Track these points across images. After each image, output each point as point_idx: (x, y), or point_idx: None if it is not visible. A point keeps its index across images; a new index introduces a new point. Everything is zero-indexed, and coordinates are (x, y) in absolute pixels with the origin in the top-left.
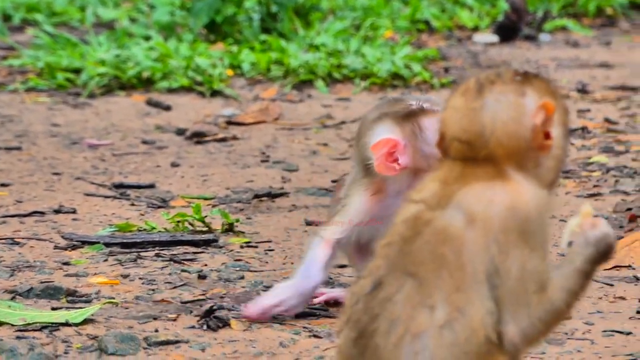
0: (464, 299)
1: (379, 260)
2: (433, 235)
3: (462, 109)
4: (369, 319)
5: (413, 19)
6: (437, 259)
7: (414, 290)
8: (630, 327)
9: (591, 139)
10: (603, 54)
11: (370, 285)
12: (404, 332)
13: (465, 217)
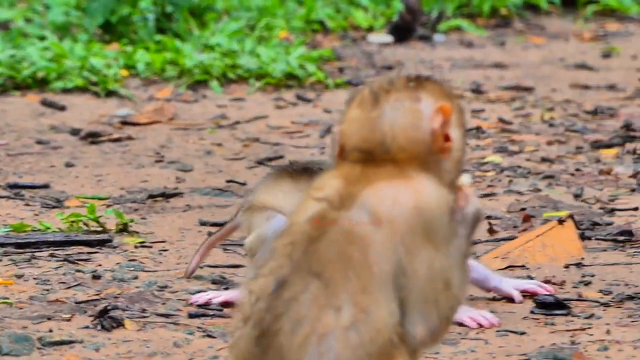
0: (370, 300)
1: (281, 259)
2: (339, 235)
3: (361, 120)
4: (272, 318)
5: (308, 20)
6: (343, 260)
7: (320, 291)
8: (524, 327)
9: (485, 139)
10: (497, 55)
11: (274, 285)
12: (309, 333)
13: (371, 218)
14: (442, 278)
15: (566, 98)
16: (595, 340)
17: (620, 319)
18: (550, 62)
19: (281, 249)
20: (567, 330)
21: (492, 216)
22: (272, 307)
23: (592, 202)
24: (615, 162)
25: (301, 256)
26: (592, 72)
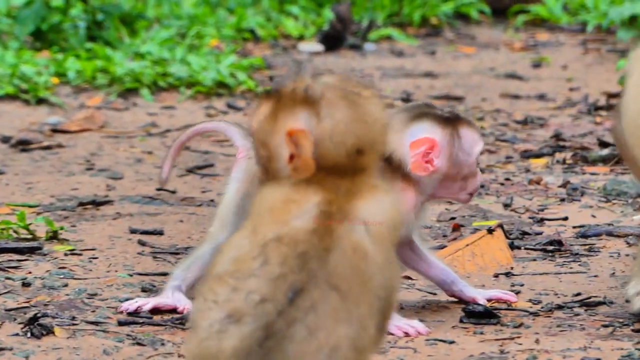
0: (368, 316)
1: (289, 266)
2: (348, 248)
3: (344, 129)
4: (285, 324)
5: (238, 28)
6: (355, 274)
7: (339, 304)
8: (453, 336)
9: None
10: (428, 64)
11: (290, 291)
12: (323, 344)
13: (367, 230)
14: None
15: (496, 108)
16: (524, 349)
17: (550, 329)
18: (481, 72)
19: (281, 256)
20: (496, 339)
21: (422, 225)
22: (286, 313)
23: (522, 212)
24: (544, 172)
25: (318, 267)
26: (523, 81)
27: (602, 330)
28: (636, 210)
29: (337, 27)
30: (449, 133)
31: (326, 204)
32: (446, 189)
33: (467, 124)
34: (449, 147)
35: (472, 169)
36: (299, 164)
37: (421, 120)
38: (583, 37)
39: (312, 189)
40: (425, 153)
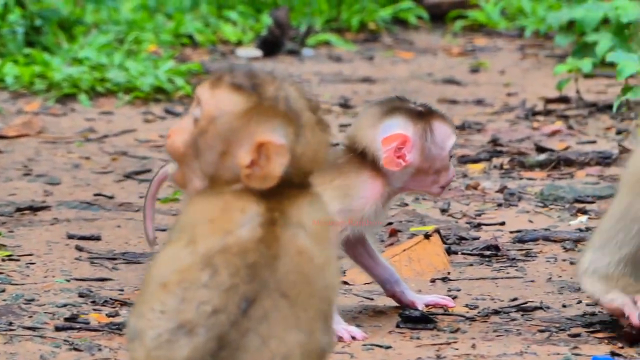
0: (314, 319)
1: (240, 277)
2: (294, 254)
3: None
4: (238, 334)
5: (177, 33)
6: (302, 279)
7: (288, 311)
8: (389, 341)
9: None
10: (366, 69)
11: (243, 302)
12: (275, 352)
13: (308, 236)
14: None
15: None
16: (460, 354)
17: (486, 333)
18: (419, 77)
19: (231, 266)
20: (432, 344)
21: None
22: (239, 323)
23: (459, 217)
24: (482, 177)
25: (269, 276)
26: (460, 87)
27: (539, 335)
28: (573, 215)
29: (275, 33)
30: (421, 128)
31: (270, 210)
32: (418, 182)
33: (440, 118)
34: (421, 142)
35: (444, 163)
36: (258, 174)
37: (393, 115)
38: (521, 42)
39: (253, 197)
40: (398, 148)
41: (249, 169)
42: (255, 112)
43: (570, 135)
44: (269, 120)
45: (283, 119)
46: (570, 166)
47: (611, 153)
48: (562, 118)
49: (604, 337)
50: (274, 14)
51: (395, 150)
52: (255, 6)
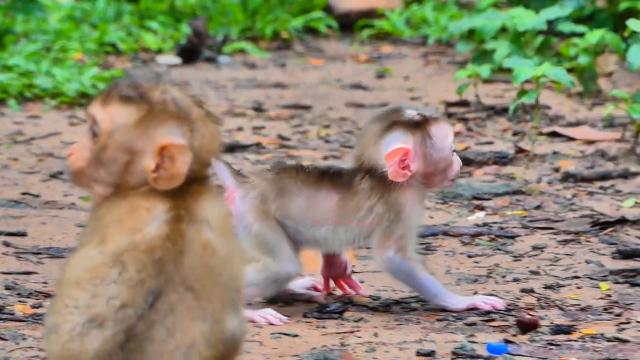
0: (221, 310)
1: (147, 272)
2: (200, 249)
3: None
4: (145, 327)
5: (101, 42)
6: (208, 272)
7: (193, 303)
8: (297, 330)
9: (265, 154)
10: (278, 75)
11: (150, 296)
12: (179, 343)
13: (212, 229)
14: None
15: (342, 116)
16: (363, 342)
17: (388, 322)
18: (328, 83)
19: (138, 263)
20: (337, 332)
21: None
22: (146, 316)
23: None
24: None
25: (174, 270)
26: (367, 91)
27: (437, 324)
28: (470, 211)
29: (194, 41)
30: (420, 137)
31: (175, 208)
32: (430, 183)
33: (436, 122)
34: (422, 150)
35: (448, 161)
36: (164, 175)
37: (392, 130)
38: (424, 49)
39: (158, 196)
40: (401, 160)
41: (155, 173)
42: (148, 118)
43: (470, 137)
44: (164, 124)
45: (176, 119)
46: (469, 165)
47: (507, 153)
48: (462, 120)
49: (498, 326)
50: (193, 23)
51: (399, 163)
52: (175, 16)
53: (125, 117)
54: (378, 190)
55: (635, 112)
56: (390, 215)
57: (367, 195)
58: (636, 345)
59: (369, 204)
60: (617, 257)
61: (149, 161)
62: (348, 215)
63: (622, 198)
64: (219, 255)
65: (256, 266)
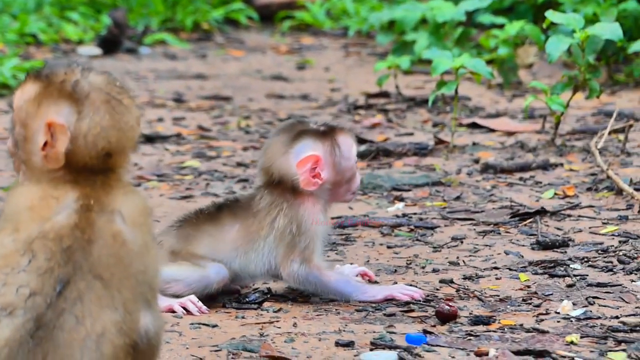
0: (132, 301)
1: (56, 260)
2: (109, 238)
3: (105, 127)
4: (54, 315)
5: (21, 33)
6: (117, 262)
7: (102, 292)
8: (216, 321)
9: (185, 145)
10: (199, 66)
11: (58, 284)
12: (89, 331)
13: (125, 221)
14: (159, 272)
15: (262, 107)
16: (282, 332)
17: (307, 313)
18: (248, 74)
19: (47, 251)
20: (256, 323)
21: None
22: (55, 304)
23: None
24: None
25: (82, 259)
26: (287, 82)
27: (356, 315)
28: (390, 202)
29: (114, 32)
30: (329, 145)
31: (84, 197)
32: (335, 195)
33: (343, 132)
34: (331, 158)
35: (353, 171)
36: (51, 153)
37: (301, 139)
38: (345, 41)
39: (69, 185)
40: (312, 169)
41: (44, 150)
42: (44, 96)
43: (390, 128)
44: (56, 102)
45: (68, 100)
46: (388, 156)
47: (427, 144)
48: (382, 112)
49: (417, 317)
50: (113, 14)
51: (310, 171)
52: (96, 7)
53: (27, 93)
54: (277, 204)
55: (554, 103)
56: (292, 228)
57: (267, 212)
58: (555, 336)
59: (269, 219)
60: (536, 248)
61: (40, 138)
62: (254, 238)
63: (542, 189)
64: (130, 248)
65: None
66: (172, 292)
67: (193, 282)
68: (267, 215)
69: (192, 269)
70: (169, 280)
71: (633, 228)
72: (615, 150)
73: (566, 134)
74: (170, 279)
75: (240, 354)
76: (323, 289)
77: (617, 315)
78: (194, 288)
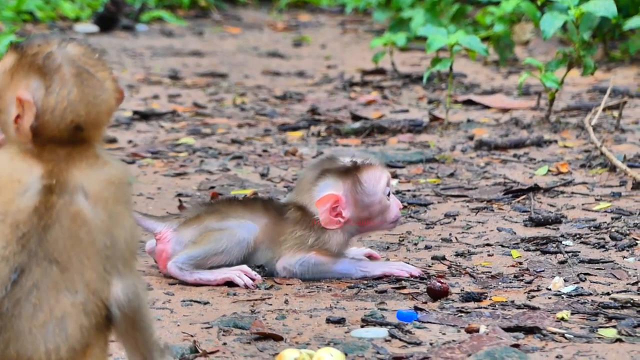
0: (97, 279)
1: (12, 248)
2: (67, 220)
3: (69, 98)
4: (12, 304)
5: (19, 10)
6: (75, 243)
7: (59, 276)
8: (207, 298)
9: (180, 122)
10: (195, 43)
11: (14, 273)
12: (49, 316)
13: (87, 198)
14: (136, 244)
15: (258, 84)
16: (274, 309)
17: (299, 290)
18: (245, 51)
19: (3, 239)
20: (248, 300)
21: (183, 194)
22: (12, 294)
23: (277, 181)
24: (300, 144)
25: (37, 245)
26: (284, 59)
27: (348, 292)
28: None
29: (111, 9)
30: (350, 183)
31: (48, 176)
32: (368, 227)
33: (367, 167)
34: (353, 196)
35: (383, 204)
36: (21, 127)
37: (324, 177)
38: (342, 18)
39: (37, 159)
40: (333, 208)
41: (16, 124)
42: (17, 68)
43: (385, 105)
44: (26, 76)
45: (37, 74)
46: (383, 133)
47: (422, 121)
48: (378, 89)
49: (409, 293)
50: None
51: (330, 210)
52: None
53: (4, 65)
54: (304, 225)
55: (548, 80)
56: (311, 244)
57: (293, 225)
58: (545, 312)
59: (293, 232)
60: (528, 225)
61: (13, 111)
62: (273, 239)
63: (536, 166)
64: (92, 226)
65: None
66: (216, 264)
67: (232, 248)
68: (293, 228)
69: (225, 237)
70: (209, 256)
71: (626, 205)
72: (609, 127)
73: (561, 110)
74: (209, 254)
75: (231, 330)
76: (322, 273)
77: (609, 292)
78: (236, 254)
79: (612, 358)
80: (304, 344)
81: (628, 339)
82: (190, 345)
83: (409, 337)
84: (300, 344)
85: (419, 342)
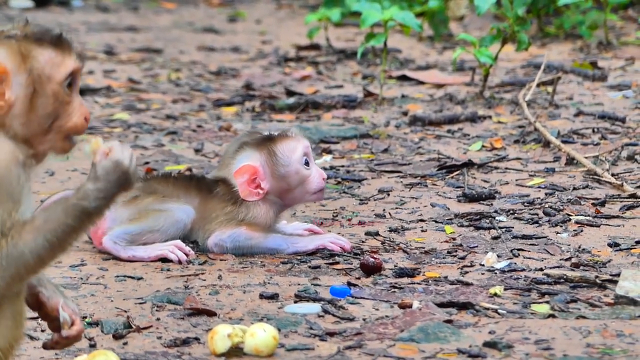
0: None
1: None
2: None
3: None
4: None
5: None
6: None
7: None
8: (141, 273)
9: (115, 98)
10: (131, 19)
11: None
12: None
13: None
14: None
15: (193, 59)
16: (207, 285)
17: (232, 265)
18: (180, 26)
19: None
20: (181, 275)
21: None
22: None
23: (212, 157)
24: (235, 119)
25: None
26: (219, 35)
27: (282, 267)
28: (318, 154)
29: None
30: (265, 154)
31: None
32: (292, 199)
33: (282, 139)
34: (269, 167)
35: (300, 174)
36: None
37: (242, 150)
38: None
39: None
40: (252, 180)
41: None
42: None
43: (320, 80)
44: None
45: None
46: (317, 109)
47: (356, 97)
48: (313, 64)
49: (342, 269)
50: None
51: (249, 182)
52: None
53: None
54: (232, 199)
55: (482, 55)
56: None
57: (222, 200)
58: (478, 288)
59: (223, 208)
60: (462, 201)
61: None
62: (206, 216)
63: (470, 141)
64: None
65: None
66: (151, 241)
67: (168, 228)
68: (223, 204)
69: (163, 216)
70: (144, 232)
71: (559, 180)
72: (543, 102)
73: (495, 86)
74: (145, 231)
75: (165, 306)
76: (253, 248)
77: (542, 268)
78: (171, 233)
79: (544, 333)
80: (237, 319)
81: (561, 315)
82: (123, 321)
83: (342, 313)
84: (233, 320)
85: (352, 317)
